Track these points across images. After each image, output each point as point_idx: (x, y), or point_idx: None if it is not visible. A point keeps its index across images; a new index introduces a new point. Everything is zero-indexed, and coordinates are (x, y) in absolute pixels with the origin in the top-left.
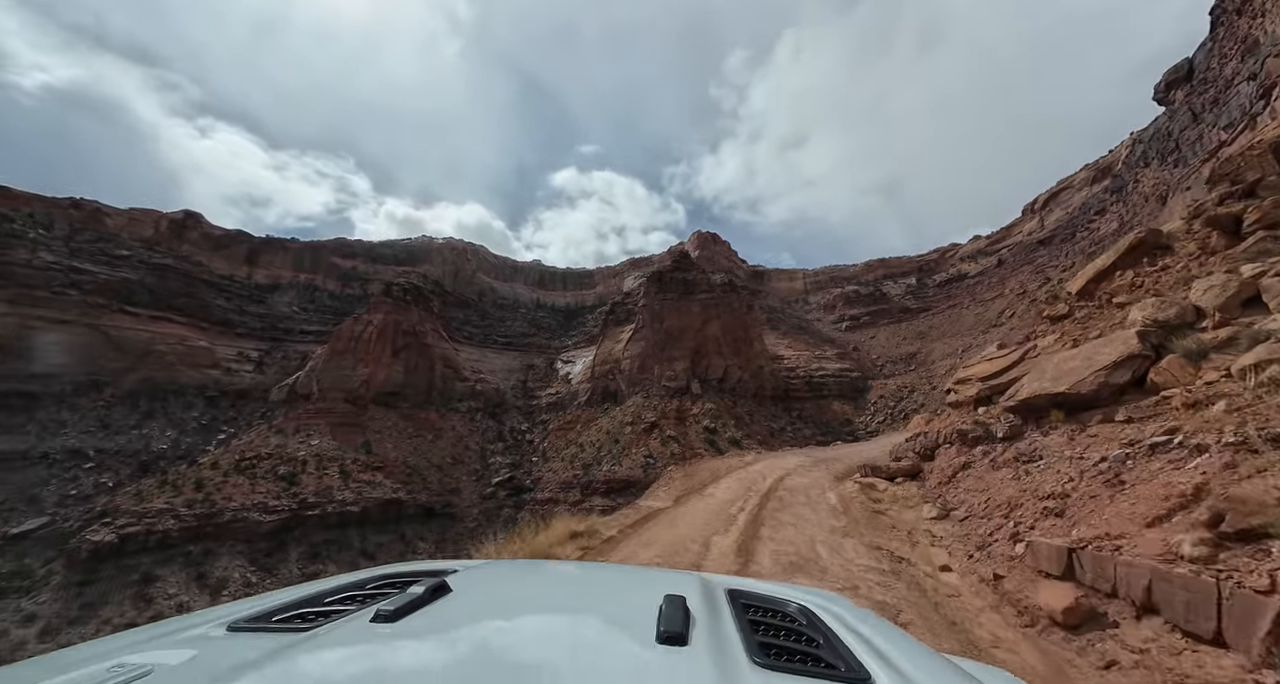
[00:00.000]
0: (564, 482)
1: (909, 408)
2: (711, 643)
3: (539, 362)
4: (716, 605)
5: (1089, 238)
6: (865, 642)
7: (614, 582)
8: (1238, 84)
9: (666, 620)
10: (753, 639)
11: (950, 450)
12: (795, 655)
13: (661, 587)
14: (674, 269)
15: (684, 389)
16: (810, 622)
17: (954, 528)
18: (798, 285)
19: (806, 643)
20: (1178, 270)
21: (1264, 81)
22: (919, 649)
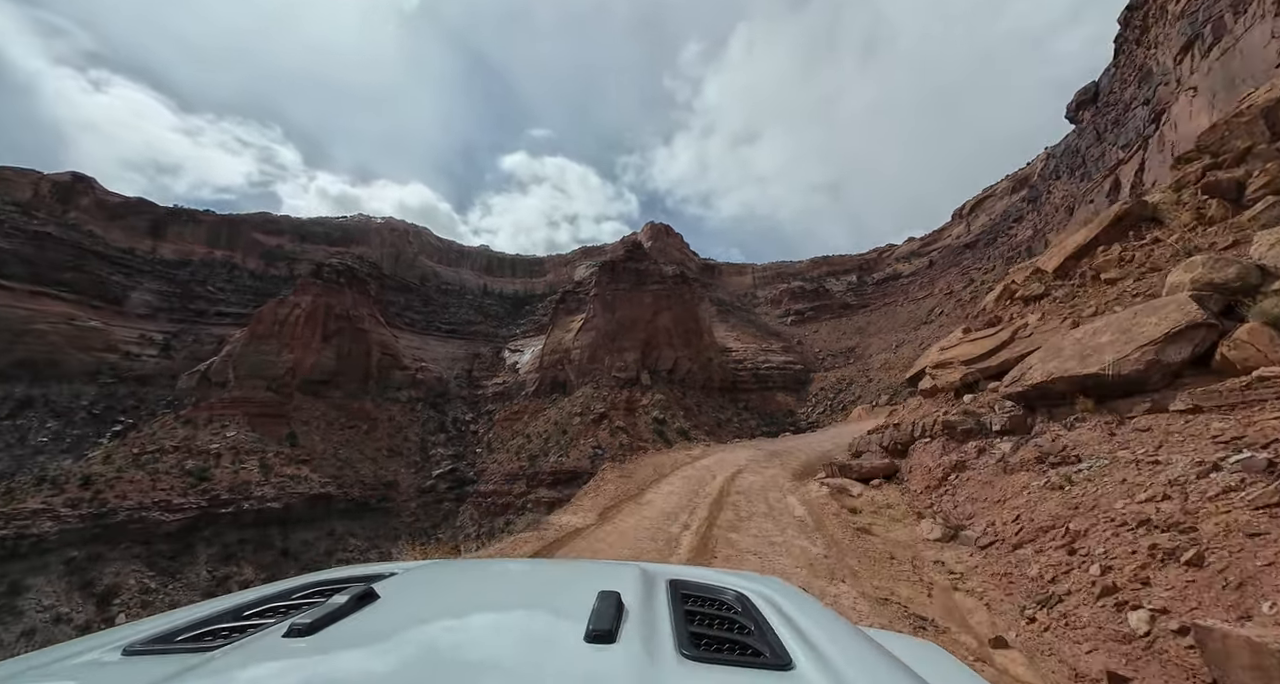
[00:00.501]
0: (509, 473)
1: (847, 399)
2: (641, 638)
3: (485, 350)
4: (654, 598)
5: (1008, 243)
6: (794, 627)
7: (551, 579)
8: (1135, 108)
9: (596, 618)
10: (684, 631)
11: (932, 446)
12: (725, 645)
13: (598, 582)
14: (627, 259)
15: (634, 380)
16: (745, 609)
17: (976, 559)
18: (747, 280)
19: (739, 631)
20: (1173, 242)
21: (1155, 107)
22: (847, 631)
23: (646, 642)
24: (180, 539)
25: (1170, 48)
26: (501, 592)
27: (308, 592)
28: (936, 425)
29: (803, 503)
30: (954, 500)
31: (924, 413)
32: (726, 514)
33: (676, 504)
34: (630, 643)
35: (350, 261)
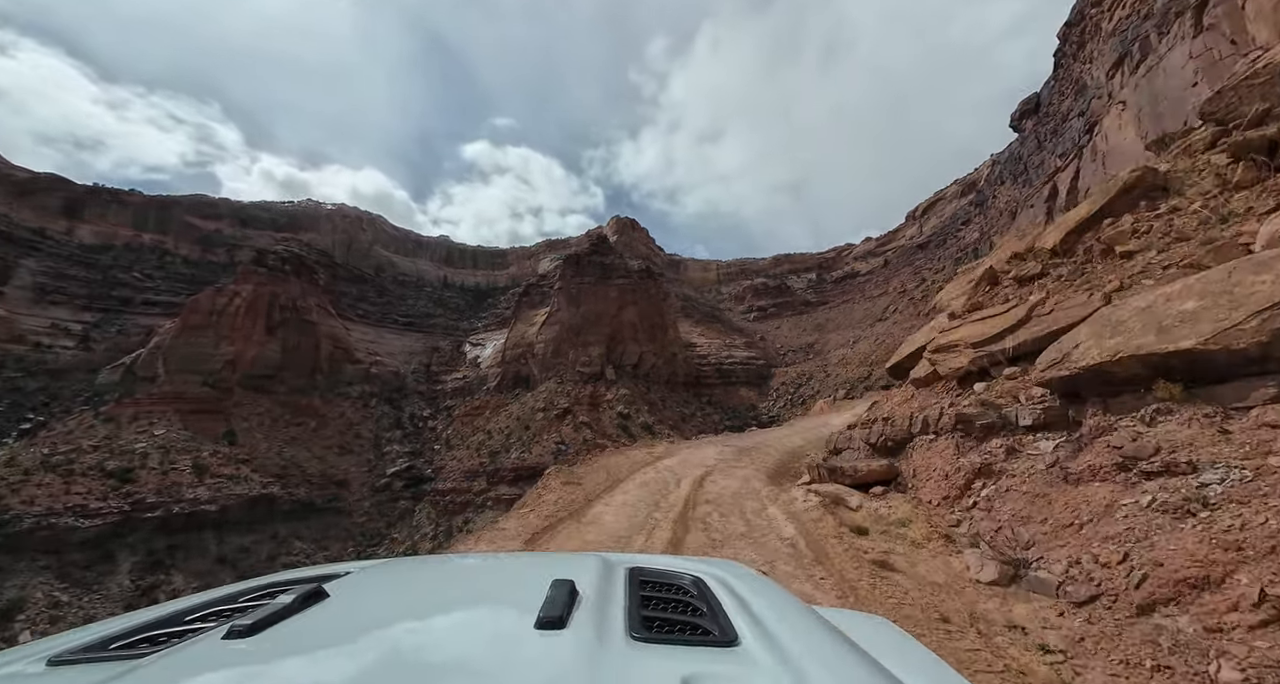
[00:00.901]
0: (469, 470)
1: (806, 394)
2: (592, 623)
3: (445, 344)
4: (612, 585)
5: (957, 245)
6: (745, 607)
7: (506, 572)
8: (1071, 119)
9: (547, 605)
10: (637, 614)
11: (939, 444)
12: (676, 626)
13: (553, 571)
14: (592, 252)
15: (599, 375)
16: (700, 592)
17: (1076, 622)
18: (711, 276)
19: (692, 613)
20: (1193, 210)
21: (1089, 119)
22: (797, 610)
23: (597, 627)
24: (98, 547)
25: (1103, 63)
26: (454, 586)
27: (256, 594)
28: (944, 419)
29: (790, 517)
30: (993, 518)
31: (921, 405)
32: (695, 537)
33: (630, 521)
34: (580, 628)
35: (298, 249)
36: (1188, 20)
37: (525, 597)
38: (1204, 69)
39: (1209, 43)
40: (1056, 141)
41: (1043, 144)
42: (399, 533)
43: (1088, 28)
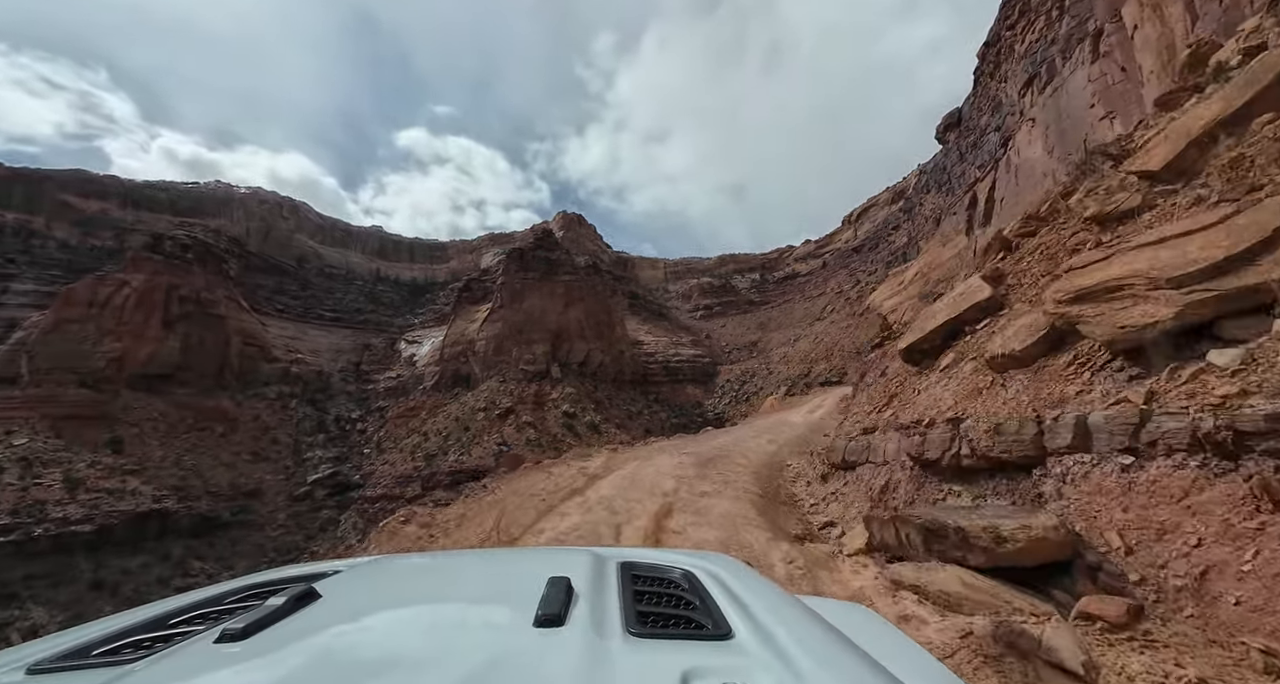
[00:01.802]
0: (402, 475)
1: (750, 391)
2: (590, 619)
3: (377, 341)
4: (605, 580)
5: (888, 249)
6: (735, 599)
7: (500, 569)
8: (989, 133)
9: (545, 603)
10: (632, 610)
11: (1174, 481)
12: (670, 620)
13: (548, 568)
14: (537, 247)
15: (543, 373)
16: (692, 586)
17: None
18: (659, 274)
19: (685, 607)
20: None
21: (1004, 134)
22: (785, 601)
23: (595, 623)
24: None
25: (1016, 83)
26: (449, 584)
27: (242, 595)
28: (1170, 429)
29: None
30: None
31: (1046, 397)
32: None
33: None
34: (579, 625)
35: (203, 235)
36: (1086, 47)
37: (521, 594)
38: (1100, 92)
39: (1104, 69)
40: (976, 154)
41: (964, 156)
42: (320, 546)
43: (1003, 49)
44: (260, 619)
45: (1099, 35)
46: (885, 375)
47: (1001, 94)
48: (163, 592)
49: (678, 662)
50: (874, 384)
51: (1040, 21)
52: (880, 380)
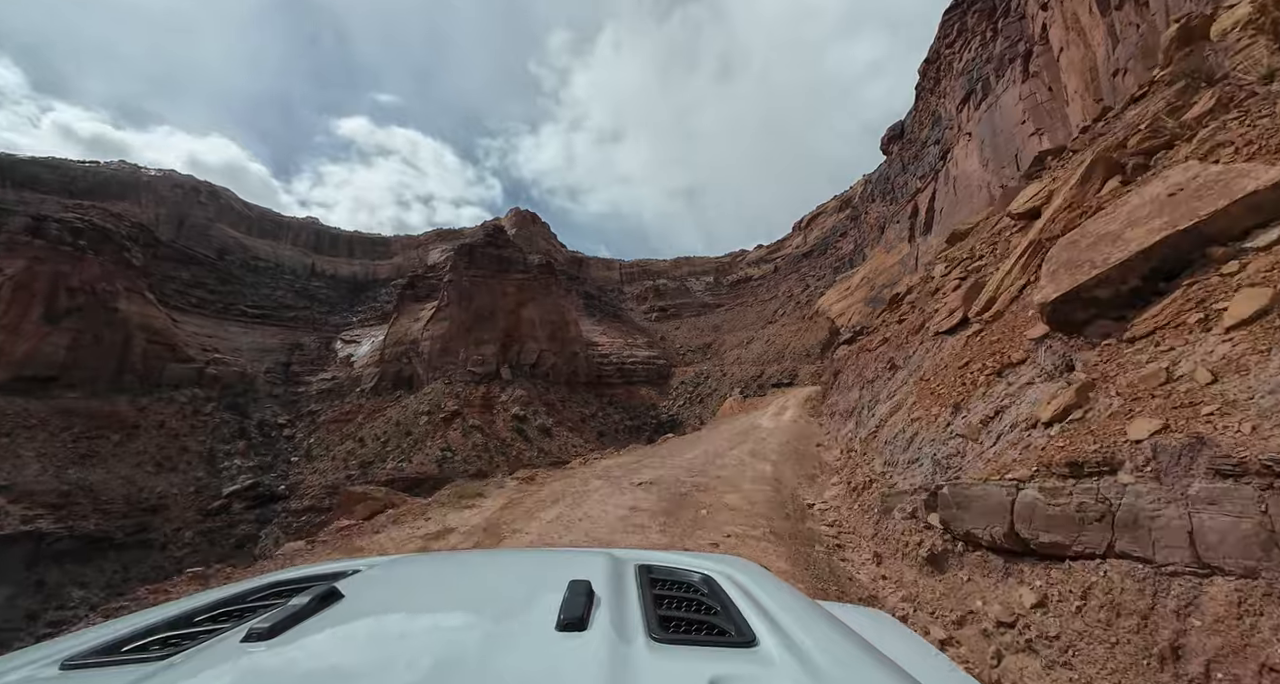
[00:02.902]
0: (334, 485)
1: (704, 393)
2: (613, 623)
3: (310, 340)
4: (624, 584)
5: (835, 255)
6: (757, 605)
7: (521, 571)
8: (929, 146)
9: (567, 607)
10: (654, 615)
11: None
12: (693, 626)
13: (568, 571)
14: (488, 244)
15: (493, 374)
16: (712, 590)
17: None
18: (614, 275)
19: (706, 612)
20: None
21: (943, 147)
22: (807, 607)
23: (618, 627)
24: None
25: (954, 98)
26: (471, 585)
27: (264, 594)
28: None
29: None
30: None
31: None
32: None
33: None
34: (602, 629)
35: (100, 219)
36: (1018, 67)
37: (542, 597)
38: (1030, 110)
39: (1033, 88)
40: (917, 165)
41: (906, 167)
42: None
43: (942, 66)
44: (285, 619)
45: (1029, 56)
46: (965, 360)
47: (941, 109)
48: (31, 627)
49: (704, 669)
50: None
51: (976, 41)
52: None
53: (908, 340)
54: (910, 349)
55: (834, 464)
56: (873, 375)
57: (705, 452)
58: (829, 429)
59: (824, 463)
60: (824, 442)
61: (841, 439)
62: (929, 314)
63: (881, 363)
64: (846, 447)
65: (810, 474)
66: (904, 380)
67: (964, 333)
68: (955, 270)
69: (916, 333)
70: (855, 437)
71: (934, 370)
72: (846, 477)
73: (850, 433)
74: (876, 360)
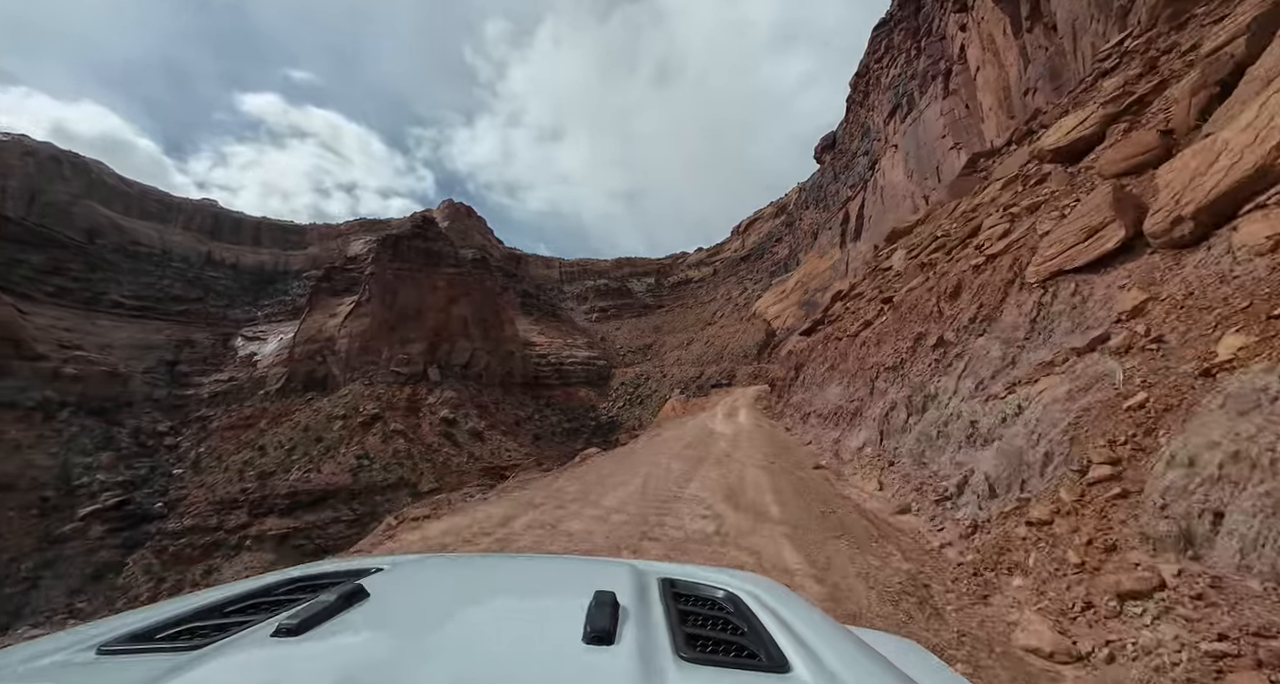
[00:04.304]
0: (223, 500)
1: (644, 394)
2: (640, 639)
3: (204, 336)
4: (648, 597)
5: (771, 260)
6: (786, 627)
7: (546, 578)
8: (859, 156)
9: (594, 619)
10: (680, 632)
11: None
12: (720, 646)
13: (593, 581)
14: (416, 236)
15: (420, 375)
16: (737, 609)
17: None
18: (554, 274)
19: (733, 632)
20: None
21: (872, 158)
22: (836, 632)
23: (644, 643)
24: None
25: (881, 112)
26: (496, 590)
27: (290, 588)
28: None
29: None
30: None
31: None
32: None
33: None
34: (629, 644)
35: None
36: (939, 84)
37: (568, 606)
38: (949, 125)
39: (953, 104)
40: (848, 175)
41: (838, 176)
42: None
43: (871, 80)
44: (314, 615)
45: (949, 74)
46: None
47: (870, 121)
48: None
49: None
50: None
51: (902, 58)
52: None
53: (976, 299)
54: (984, 310)
55: (921, 528)
56: (891, 360)
57: (645, 485)
58: (808, 437)
59: (880, 519)
60: (827, 463)
61: (864, 459)
62: (1013, 257)
63: (900, 342)
64: (902, 476)
65: (882, 557)
66: (1011, 353)
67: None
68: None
69: (1010, 284)
70: (896, 451)
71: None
72: (1039, 578)
73: (867, 445)
74: (879, 342)
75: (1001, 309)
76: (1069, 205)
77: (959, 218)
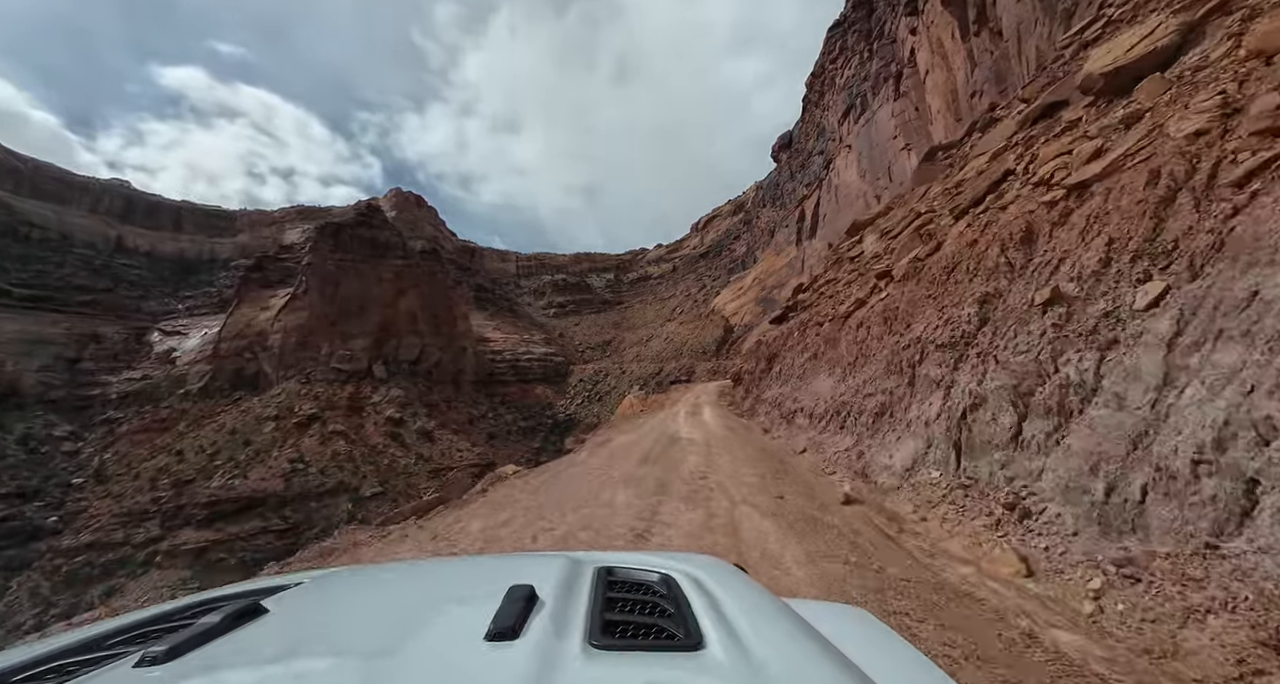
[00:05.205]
0: (130, 512)
1: (603, 390)
2: (548, 631)
3: (113, 331)
4: (576, 588)
5: (729, 257)
6: (715, 606)
7: (464, 578)
8: (814, 155)
9: (500, 615)
10: (598, 620)
11: None
12: (640, 630)
13: (514, 576)
14: (360, 224)
15: (364, 372)
16: (670, 592)
17: None
18: (510, 268)
19: (658, 614)
20: None
21: (826, 157)
22: (768, 607)
23: (553, 635)
24: None
25: (836, 112)
26: (406, 595)
27: (195, 611)
28: None
29: None
30: None
31: None
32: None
33: None
34: (534, 638)
35: None
36: (891, 86)
37: (480, 605)
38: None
39: (904, 106)
40: (804, 174)
41: (794, 175)
42: None
43: (826, 80)
44: (189, 640)
45: (900, 77)
46: None
47: (825, 121)
48: None
49: (637, 675)
50: None
51: (856, 59)
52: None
53: (1092, 232)
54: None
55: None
56: (944, 335)
57: (568, 547)
58: (800, 443)
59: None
60: (854, 490)
61: (925, 488)
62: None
63: (951, 310)
64: (1062, 542)
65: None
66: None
67: None
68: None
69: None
70: (1013, 484)
71: None
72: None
73: (925, 465)
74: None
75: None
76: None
77: (954, 186)
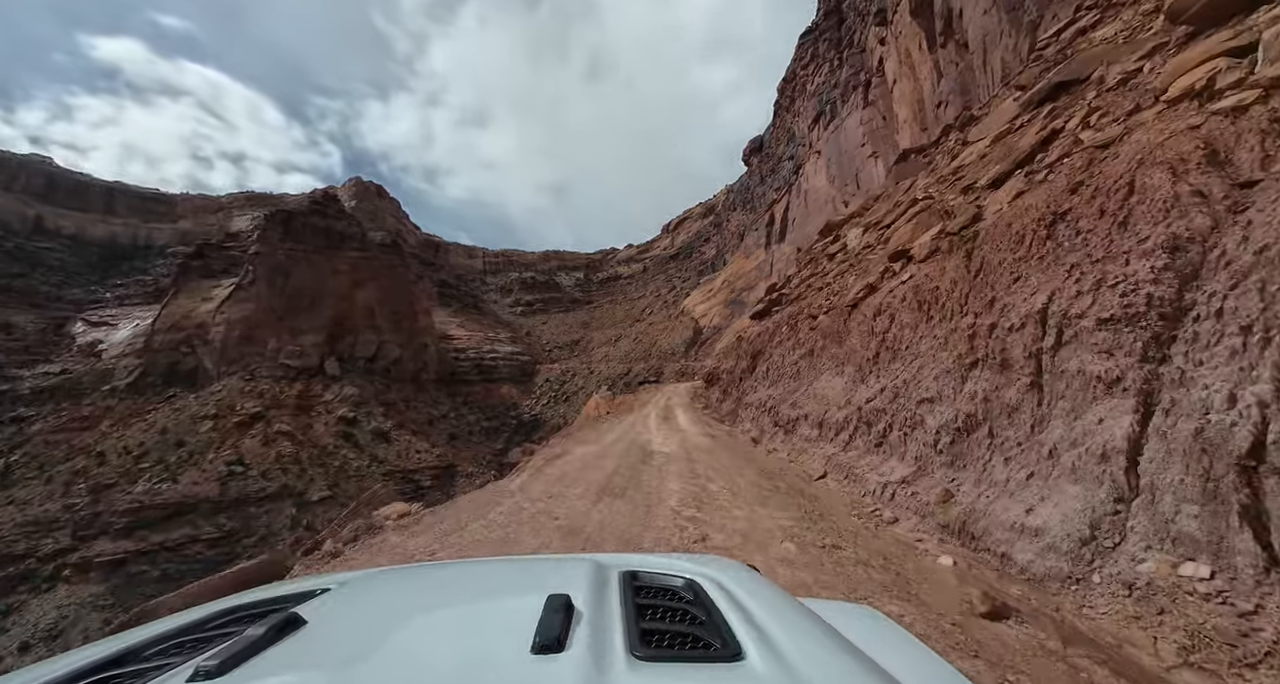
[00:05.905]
0: (39, 520)
1: (571, 390)
2: (591, 643)
3: (27, 320)
4: (606, 594)
5: (699, 259)
6: (744, 612)
7: (499, 585)
8: (784, 160)
9: (543, 626)
10: (635, 629)
11: None
12: (677, 639)
13: (548, 584)
14: (314, 213)
15: (315, 369)
16: (697, 597)
17: None
18: (476, 264)
19: (691, 622)
20: None
21: (796, 162)
22: (795, 613)
23: (596, 647)
24: None
25: (806, 118)
26: (444, 604)
27: (224, 621)
28: None
29: None
30: None
31: None
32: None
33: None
34: (579, 650)
35: None
36: (860, 94)
37: (519, 615)
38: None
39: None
40: (774, 178)
41: (764, 179)
42: None
43: (797, 86)
44: (238, 652)
45: (868, 85)
46: None
47: (795, 126)
48: None
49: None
50: None
51: (826, 67)
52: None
53: None
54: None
55: None
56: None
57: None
58: (815, 463)
59: None
60: (986, 582)
61: (1153, 592)
62: None
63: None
64: None
65: None
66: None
67: None
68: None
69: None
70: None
71: None
72: None
73: (1109, 531)
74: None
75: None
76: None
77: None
